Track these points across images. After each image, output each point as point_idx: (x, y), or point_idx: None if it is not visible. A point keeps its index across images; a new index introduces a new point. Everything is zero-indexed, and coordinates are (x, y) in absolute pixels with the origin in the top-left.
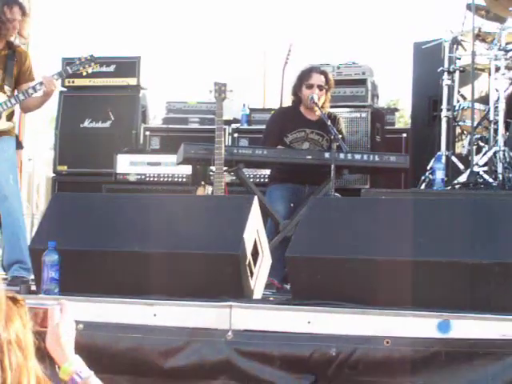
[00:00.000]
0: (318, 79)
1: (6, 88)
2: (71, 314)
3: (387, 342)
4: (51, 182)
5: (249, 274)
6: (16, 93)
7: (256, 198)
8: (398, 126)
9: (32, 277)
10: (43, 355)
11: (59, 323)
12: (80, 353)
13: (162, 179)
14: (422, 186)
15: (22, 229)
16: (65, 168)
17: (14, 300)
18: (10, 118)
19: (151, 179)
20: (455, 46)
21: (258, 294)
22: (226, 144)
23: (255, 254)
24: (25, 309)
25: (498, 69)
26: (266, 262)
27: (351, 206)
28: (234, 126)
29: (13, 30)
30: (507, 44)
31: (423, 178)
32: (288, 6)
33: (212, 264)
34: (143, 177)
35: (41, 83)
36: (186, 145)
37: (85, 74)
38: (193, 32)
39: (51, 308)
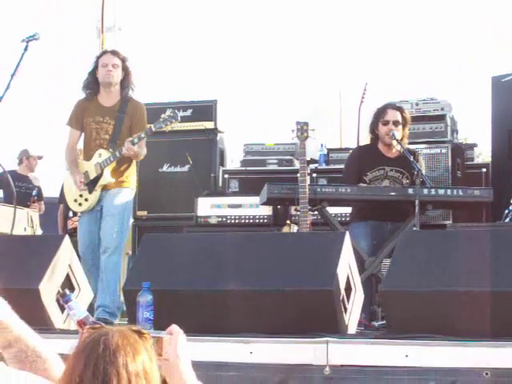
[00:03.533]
0: (393, 115)
1: (111, 145)
2: (185, 341)
3: (486, 374)
4: (131, 228)
5: (343, 309)
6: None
7: (348, 233)
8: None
9: (116, 320)
10: None
11: (177, 350)
12: None
13: (243, 221)
14: (507, 220)
15: (114, 279)
16: (145, 213)
17: (140, 333)
18: (114, 172)
19: (232, 221)
20: None
21: (352, 329)
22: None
23: (348, 289)
24: (150, 342)
25: None
26: (358, 297)
27: (442, 239)
28: (312, 166)
29: (108, 74)
30: None
31: (507, 211)
32: (363, 45)
33: (306, 300)
34: (224, 219)
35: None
36: (269, 185)
37: (167, 131)
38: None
39: (166, 336)
